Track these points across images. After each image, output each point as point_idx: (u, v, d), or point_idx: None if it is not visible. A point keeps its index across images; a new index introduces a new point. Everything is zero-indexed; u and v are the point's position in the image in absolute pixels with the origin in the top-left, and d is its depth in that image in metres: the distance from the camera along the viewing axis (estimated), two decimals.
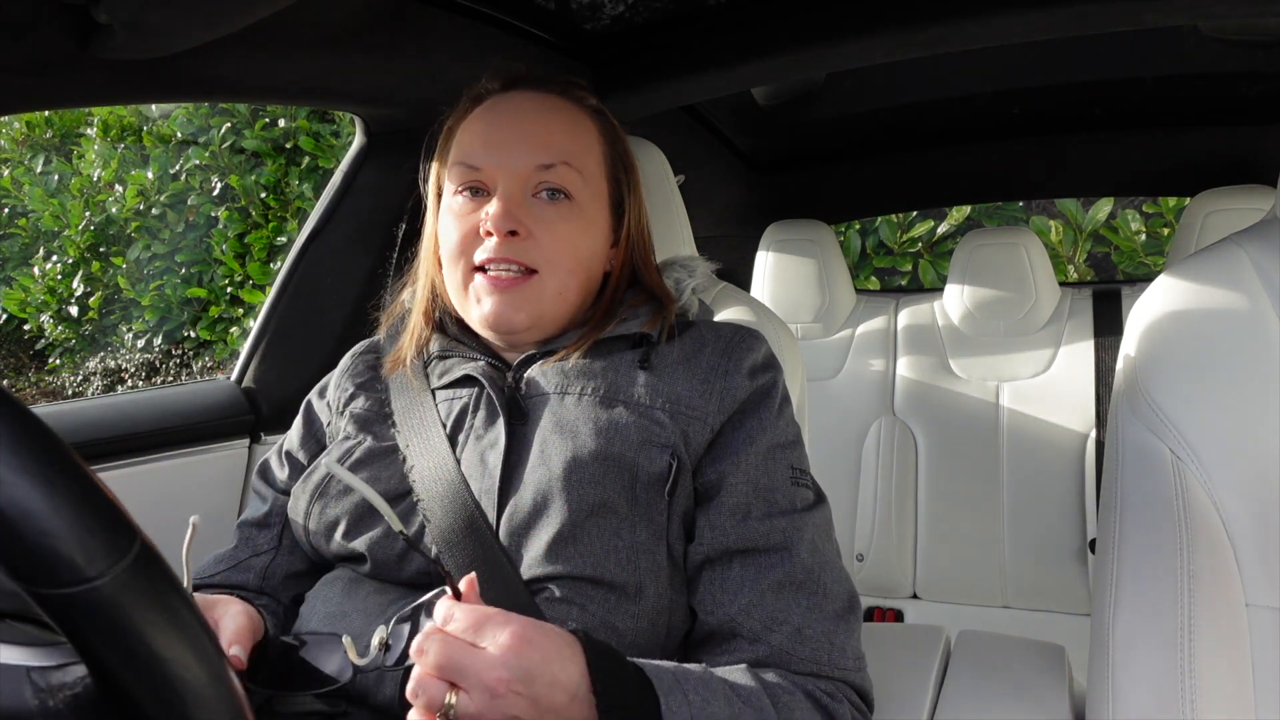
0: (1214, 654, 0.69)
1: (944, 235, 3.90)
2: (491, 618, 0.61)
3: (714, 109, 1.88)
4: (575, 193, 0.86)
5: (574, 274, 0.86)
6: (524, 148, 0.85)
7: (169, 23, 0.83)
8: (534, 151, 0.85)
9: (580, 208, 0.86)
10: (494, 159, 0.85)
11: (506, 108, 0.88)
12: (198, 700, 0.39)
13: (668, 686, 0.65)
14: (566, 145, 0.86)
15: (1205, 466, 0.73)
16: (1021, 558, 1.98)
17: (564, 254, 0.85)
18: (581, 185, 0.86)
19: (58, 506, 0.37)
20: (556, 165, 0.84)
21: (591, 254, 0.88)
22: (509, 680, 0.58)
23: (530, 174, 0.84)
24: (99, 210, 4.89)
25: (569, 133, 0.87)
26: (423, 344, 0.92)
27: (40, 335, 5.34)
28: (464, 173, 0.86)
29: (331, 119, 4.30)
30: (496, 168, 0.85)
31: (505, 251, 0.82)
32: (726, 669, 0.71)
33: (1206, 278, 0.78)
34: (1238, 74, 1.71)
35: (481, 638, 0.60)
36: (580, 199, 0.86)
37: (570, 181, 0.85)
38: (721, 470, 0.79)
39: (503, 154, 0.85)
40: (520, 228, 0.83)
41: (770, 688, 0.70)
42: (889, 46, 1.24)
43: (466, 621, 0.60)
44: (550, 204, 0.85)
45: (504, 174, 0.84)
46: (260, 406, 1.36)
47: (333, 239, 1.38)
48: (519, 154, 0.85)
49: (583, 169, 0.87)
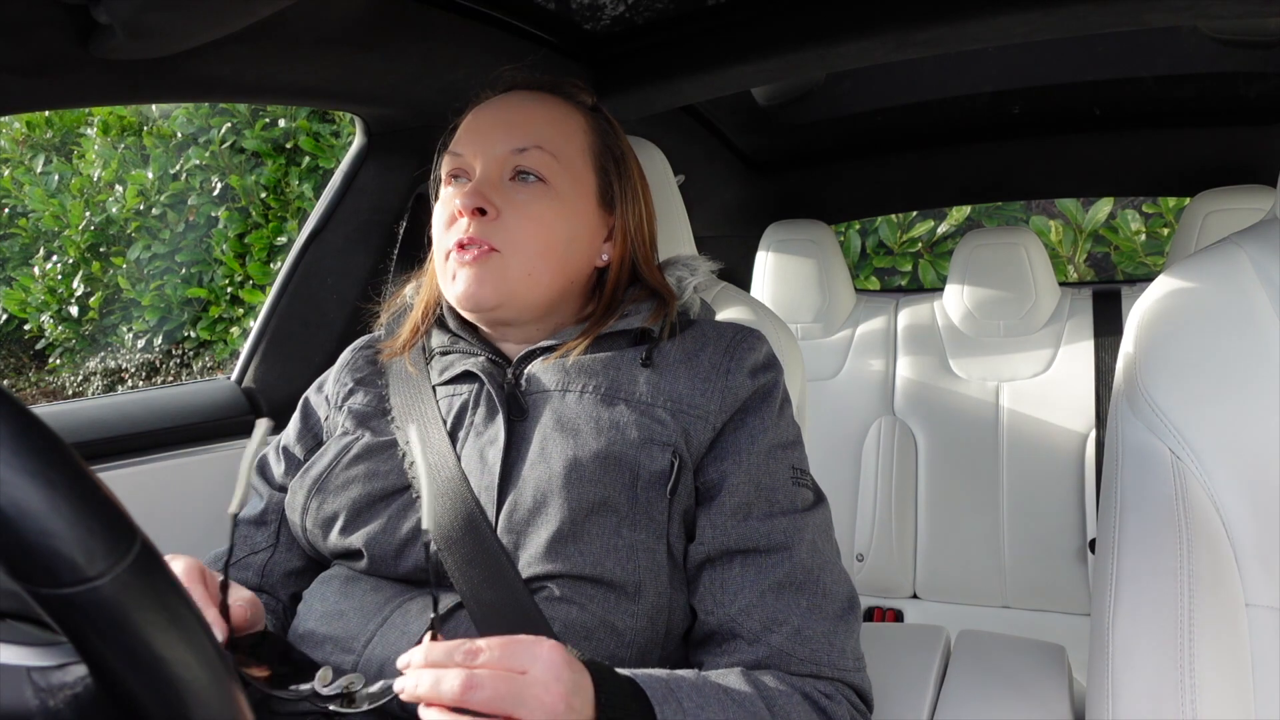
0: (1214, 654, 0.69)
1: (944, 235, 3.90)
2: (517, 640, 0.60)
3: (714, 109, 1.88)
4: (549, 177, 0.87)
5: (543, 257, 0.86)
6: (500, 133, 0.87)
7: (169, 23, 0.83)
8: (510, 137, 0.87)
9: (554, 191, 0.87)
10: (474, 145, 0.88)
11: (496, 103, 0.91)
12: (198, 700, 0.39)
13: (661, 695, 0.65)
14: (543, 131, 0.88)
15: (1205, 466, 0.73)
16: (1021, 558, 1.98)
17: (529, 235, 0.85)
18: (557, 170, 0.87)
19: (58, 506, 0.37)
20: (529, 149, 0.86)
21: (569, 240, 0.88)
22: (564, 694, 0.59)
23: (505, 157, 0.86)
24: (99, 210, 4.89)
25: (548, 120, 0.89)
26: (422, 332, 0.93)
27: (40, 335, 5.34)
28: (451, 161, 0.89)
29: (331, 119, 4.30)
30: (475, 153, 0.87)
31: (473, 231, 0.84)
32: (721, 673, 0.71)
33: (1206, 278, 0.78)
34: (1238, 74, 1.71)
35: (519, 662, 0.59)
36: (556, 184, 0.87)
37: (543, 165, 0.86)
38: (723, 469, 0.79)
39: (482, 140, 0.88)
40: (489, 206, 0.84)
41: (765, 691, 0.70)
42: (889, 46, 1.23)
43: (499, 650, 0.59)
44: (523, 186, 0.86)
45: (481, 158, 0.87)
46: (260, 406, 1.36)
47: (333, 239, 1.38)
48: (495, 139, 0.87)
49: (559, 154, 0.88)
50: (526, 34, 1.28)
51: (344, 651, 0.75)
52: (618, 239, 0.92)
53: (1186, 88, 1.80)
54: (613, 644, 0.74)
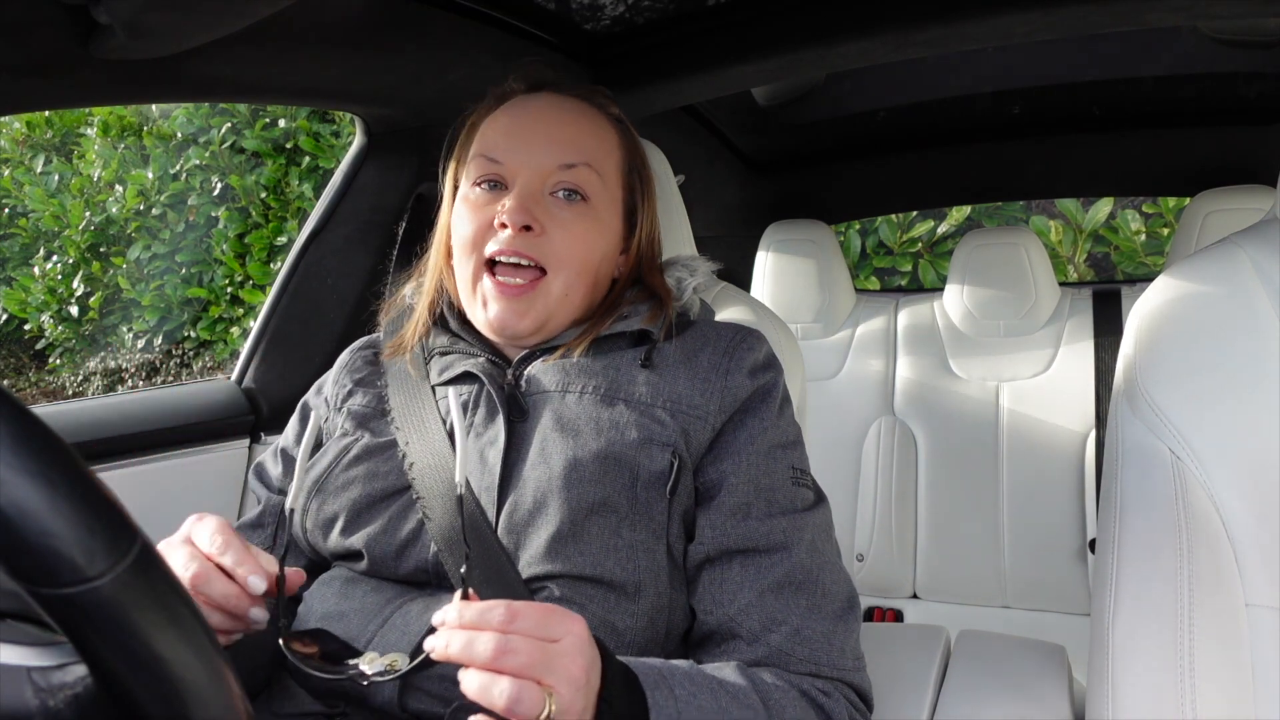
0: (1214, 654, 0.69)
1: (944, 235, 3.90)
2: (553, 610, 0.60)
3: (714, 109, 1.89)
4: (592, 195, 0.86)
5: (581, 276, 0.86)
6: (547, 146, 0.85)
7: (170, 23, 0.83)
8: (557, 150, 0.85)
9: (595, 211, 0.87)
10: (516, 154, 0.86)
11: (532, 106, 0.89)
12: (198, 700, 0.39)
13: (653, 682, 0.65)
14: (589, 147, 0.87)
15: (1205, 466, 0.72)
16: (1021, 558, 1.98)
17: (575, 254, 0.85)
18: (600, 188, 0.87)
19: (58, 506, 0.37)
20: (578, 165, 0.85)
21: (602, 258, 0.88)
22: (587, 667, 0.59)
23: (551, 172, 0.85)
24: (99, 210, 4.88)
25: (592, 136, 0.88)
26: (424, 335, 0.92)
27: (40, 335, 5.33)
28: (484, 165, 0.87)
29: (331, 119, 4.29)
30: (518, 163, 0.85)
31: (518, 245, 0.82)
32: (716, 665, 0.71)
33: (1206, 278, 0.78)
34: (1238, 74, 1.71)
35: (554, 631, 0.59)
36: (596, 202, 0.87)
37: (589, 183, 0.86)
38: (722, 470, 0.79)
39: (526, 150, 0.85)
40: (535, 223, 0.83)
41: (761, 685, 0.70)
42: (889, 46, 1.24)
43: (535, 617, 0.59)
44: (567, 204, 0.85)
45: (525, 169, 0.85)
46: (260, 407, 1.36)
47: (333, 239, 1.38)
48: (542, 151, 0.85)
49: (602, 173, 0.87)
50: (526, 34, 1.28)
51: None
52: (632, 251, 0.92)
53: (1186, 88, 1.80)
54: (613, 644, 0.73)
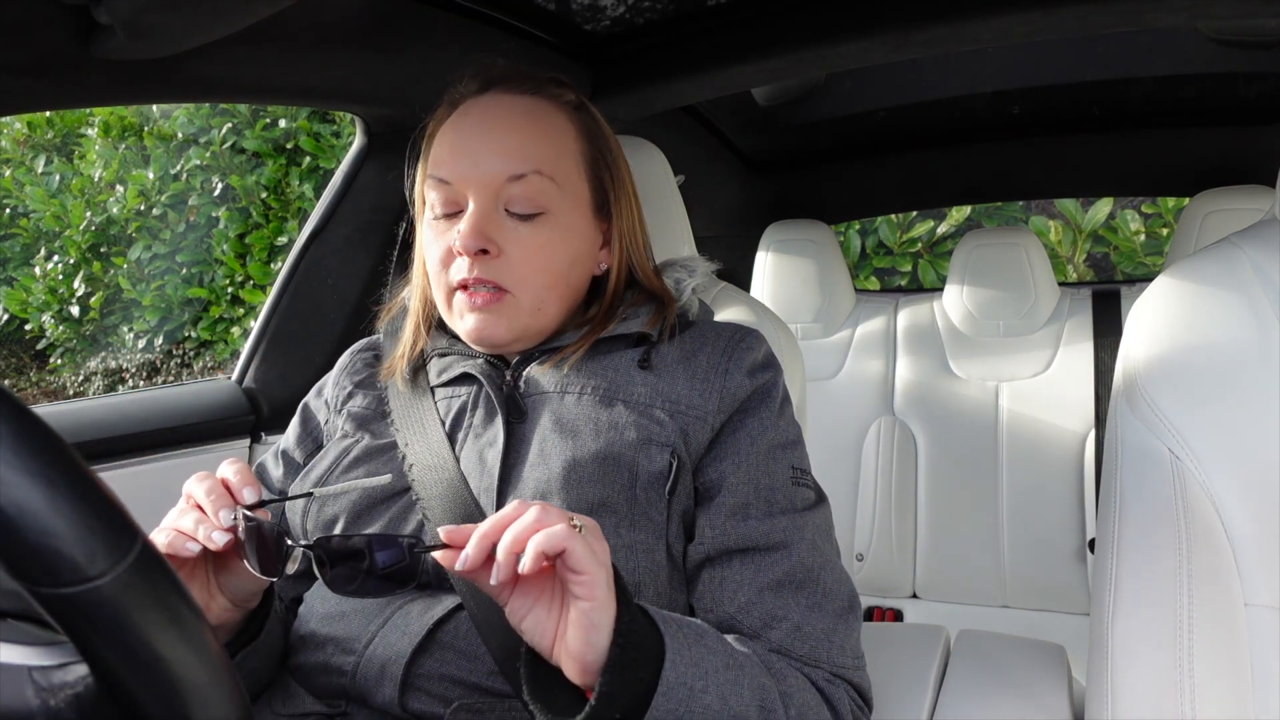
0: (1214, 654, 0.69)
1: (944, 235, 3.90)
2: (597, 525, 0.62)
3: (714, 109, 1.88)
4: (550, 204, 0.83)
5: (551, 289, 0.85)
6: (492, 159, 0.82)
7: (170, 23, 0.83)
8: (503, 162, 0.82)
9: (556, 219, 0.84)
10: (462, 171, 0.83)
11: (477, 114, 0.85)
12: (198, 699, 0.39)
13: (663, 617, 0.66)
14: (538, 152, 0.83)
15: (1204, 466, 0.72)
16: (1021, 558, 1.98)
17: (537, 270, 0.83)
18: (556, 194, 0.84)
19: (59, 506, 0.37)
20: (528, 175, 0.82)
21: (571, 264, 0.86)
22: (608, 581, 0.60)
23: (500, 186, 0.82)
24: (100, 210, 4.89)
25: (541, 137, 0.84)
26: (415, 353, 0.91)
27: (41, 335, 5.33)
28: (436, 188, 0.84)
29: (331, 119, 4.30)
30: (465, 181, 0.82)
31: (478, 271, 0.81)
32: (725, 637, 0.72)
33: (1206, 278, 0.78)
34: (1238, 74, 1.71)
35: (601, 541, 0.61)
36: (556, 210, 0.84)
37: (543, 192, 0.83)
38: (722, 470, 0.79)
39: (472, 166, 0.82)
40: (491, 245, 0.81)
41: (762, 654, 0.72)
42: (889, 46, 1.23)
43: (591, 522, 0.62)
44: (523, 220, 0.83)
45: (473, 187, 0.82)
46: (261, 407, 1.37)
47: (333, 239, 1.38)
48: (487, 165, 0.82)
49: (556, 175, 0.84)
50: (526, 34, 1.28)
51: (345, 653, 0.75)
52: (614, 244, 0.90)
53: (1186, 88, 1.80)
54: None
